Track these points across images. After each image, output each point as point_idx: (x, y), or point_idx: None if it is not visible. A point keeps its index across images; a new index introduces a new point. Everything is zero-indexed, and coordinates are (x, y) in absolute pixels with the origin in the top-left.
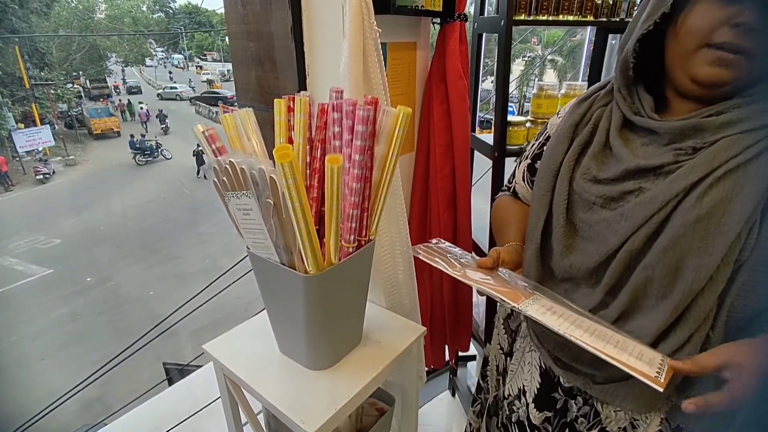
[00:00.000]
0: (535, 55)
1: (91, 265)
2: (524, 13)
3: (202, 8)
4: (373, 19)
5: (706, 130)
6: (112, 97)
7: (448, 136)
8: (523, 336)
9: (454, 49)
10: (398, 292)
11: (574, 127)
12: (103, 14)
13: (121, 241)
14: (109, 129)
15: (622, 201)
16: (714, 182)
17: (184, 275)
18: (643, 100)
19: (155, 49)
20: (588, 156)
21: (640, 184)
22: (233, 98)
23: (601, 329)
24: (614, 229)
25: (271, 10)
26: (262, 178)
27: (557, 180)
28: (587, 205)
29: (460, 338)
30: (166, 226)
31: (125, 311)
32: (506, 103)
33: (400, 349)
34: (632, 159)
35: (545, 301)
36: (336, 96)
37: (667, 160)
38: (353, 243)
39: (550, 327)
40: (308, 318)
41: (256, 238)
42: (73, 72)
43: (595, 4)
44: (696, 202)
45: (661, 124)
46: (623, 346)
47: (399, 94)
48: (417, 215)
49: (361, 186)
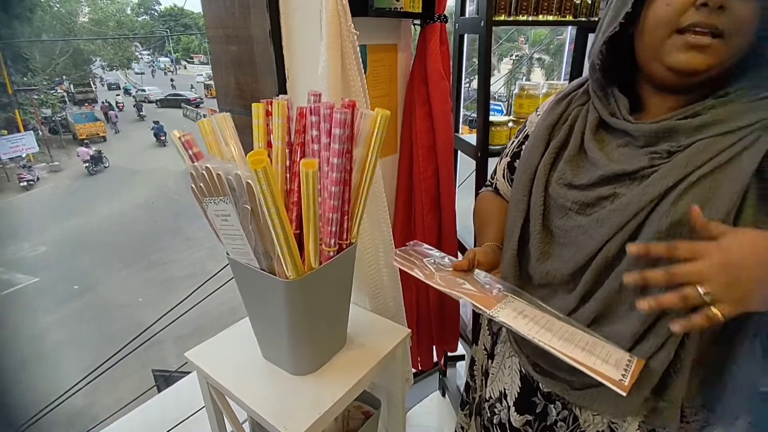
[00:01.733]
0: (522, 54)
1: (78, 273)
2: (504, 13)
3: (187, 11)
4: (351, 21)
5: (680, 133)
6: (97, 101)
7: (431, 137)
8: (503, 341)
9: (434, 50)
10: (383, 294)
11: (551, 127)
12: (86, 18)
13: (109, 247)
14: (95, 134)
15: (597, 207)
16: (688, 187)
17: (172, 280)
18: (619, 101)
19: (141, 53)
20: (563, 160)
21: (615, 190)
22: (196, 100)
23: (573, 331)
24: (590, 235)
25: (250, 14)
26: (239, 184)
27: (533, 185)
28: (563, 211)
29: (447, 339)
30: (154, 232)
31: (113, 319)
32: (488, 104)
33: (384, 352)
34: (607, 164)
35: (518, 304)
36: (314, 99)
37: (642, 164)
38: (334, 247)
39: (518, 332)
40: (290, 323)
41: (235, 244)
42: (57, 77)
43: (573, 4)
44: (670, 207)
45: (636, 127)
46: (592, 349)
47: (381, 96)
48: (401, 217)
49: (340, 189)
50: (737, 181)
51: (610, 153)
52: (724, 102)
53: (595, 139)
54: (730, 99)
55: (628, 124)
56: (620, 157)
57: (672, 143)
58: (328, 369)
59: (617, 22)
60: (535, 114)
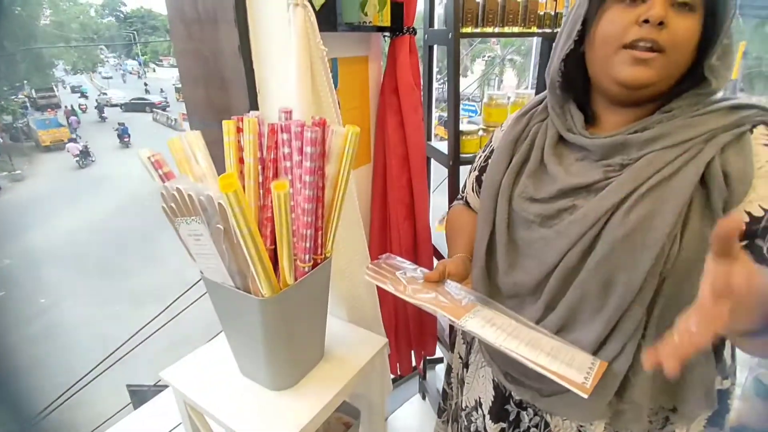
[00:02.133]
0: (494, 55)
1: (46, 286)
2: (471, 25)
3: (155, 12)
4: (319, 38)
5: (631, 146)
6: (60, 106)
7: (404, 147)
8: (476, 351)
9: (404, 61)
10: (360, 305)
11: (513, 143)
12: (48, 20)
13: (77, 258)
14: (59, 140)
15: (557, 219)
16: (638, 198)
17: (143, 292)
18: (575, 116)
19: (107, 56)
20: (525, 175)
21: (573, 202)
22: (161, 104)
23: (539, 338)
24: (552, 246)
25: (218, 29)
26: (211, 205)
27: (498, 199)
28: (527, 224)
29: (425, 343)
30: (124, 241)
31: (82, 333)
32: (458, 114)
33: (362, 363)
34: (566, 178)
35: (487, 313)
36: (285, 116)
37: (598, 177)
38: (309, 262)
39: (485, 340)
40: (267, 340)
41: (209, 264)
42: (18, 82)
43: (538, 16)
44: (623, 218)
45: (592, 142)
46: (556, 354)
47: (353, 108)
48: (377, 225)
49: (313, 206)
50: (682, 193)
51: (568, 167)
52: (669, 117)
53: (554, 154)
54: (675, 114)
55: (584, 139)
56: (578, 170)
57: (624, 156)
58: (306, 383)
59: (571, 40)
60: (499, 129)
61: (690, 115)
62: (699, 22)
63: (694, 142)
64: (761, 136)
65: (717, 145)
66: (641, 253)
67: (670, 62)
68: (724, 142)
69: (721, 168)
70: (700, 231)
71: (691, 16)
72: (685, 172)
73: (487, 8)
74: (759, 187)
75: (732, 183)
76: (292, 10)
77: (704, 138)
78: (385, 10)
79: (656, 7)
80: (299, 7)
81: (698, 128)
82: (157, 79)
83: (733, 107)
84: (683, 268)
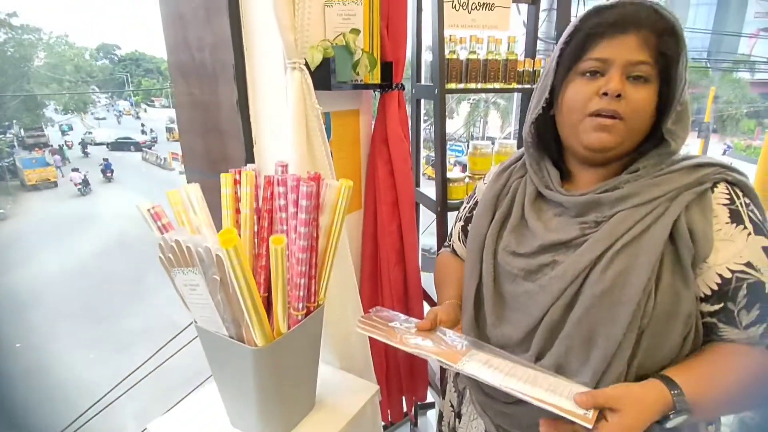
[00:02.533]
0: (479, 98)
1: (23, 329)
2: (455, 81)
3: (149, 55)
4: (315, 98)
5: (604, 205)
6: (49, 145)
7: (393, 194)
8: (468, 401)
9: (394, 115)
10: (351, 353)
11: (495, 198)
12: (42, 62)
13: (57, 300)
14: (45, 179)
15: (540, 274)
16: (614, 255)
17: (128, 333)
18: (551, 173)
19: (98, 96)
20: (507, 230)
21: (554, 257)
22: (145, 143)
23: (536, 375)
24: (536, 301)
25: (218, 84)
26: (208, 256)
27: (483, 253)
28: (511, 277)
29: (416, 388)
30: (108, 282)
31: (58, 381)
32: (445, 162)
33: (354, 411)
34: (545, 234)
35: (483, 356)
36: (281, 170)
37: (575, 233)
38: (302, 311)
39: (485, 381)
40: (259, 389)
41: (203, 313)
42: (6, 122)
43: (517, 73)
44: (600, 275)
45: (567, 199)
46: (555, 389)
47: (345, 157)
48: (368, 270)
49: (307, 256)
50: (653, 250)
51: (547, 222)
52: (636, 177)
53: (534, 210)
54: (641, 174)
55: (560, 196)
56: (557, 226)
57: (598, 214)
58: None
59: (540, 107)
60: (482, 182)
61: (655, 174)
62: (654, 92)
63: (661, 200)
64: (720, 195)
65: (681, 204)
66: (618, 309)
67: (630, 128)
68: (687, 200)
69: (687, 225)
70: (672, 285)
71: (647, 87)
72: (655, 230)
73: (470, 66)
74: (722, 250)
75: (697, 241)
76: (289, 72)
77: (670, 196)
78: (376, 70)
79: (613, 81)
80: (296, 70)
81: (663, 187)
82: (149, 119)
83: (695, 165)
84: (658, 321)
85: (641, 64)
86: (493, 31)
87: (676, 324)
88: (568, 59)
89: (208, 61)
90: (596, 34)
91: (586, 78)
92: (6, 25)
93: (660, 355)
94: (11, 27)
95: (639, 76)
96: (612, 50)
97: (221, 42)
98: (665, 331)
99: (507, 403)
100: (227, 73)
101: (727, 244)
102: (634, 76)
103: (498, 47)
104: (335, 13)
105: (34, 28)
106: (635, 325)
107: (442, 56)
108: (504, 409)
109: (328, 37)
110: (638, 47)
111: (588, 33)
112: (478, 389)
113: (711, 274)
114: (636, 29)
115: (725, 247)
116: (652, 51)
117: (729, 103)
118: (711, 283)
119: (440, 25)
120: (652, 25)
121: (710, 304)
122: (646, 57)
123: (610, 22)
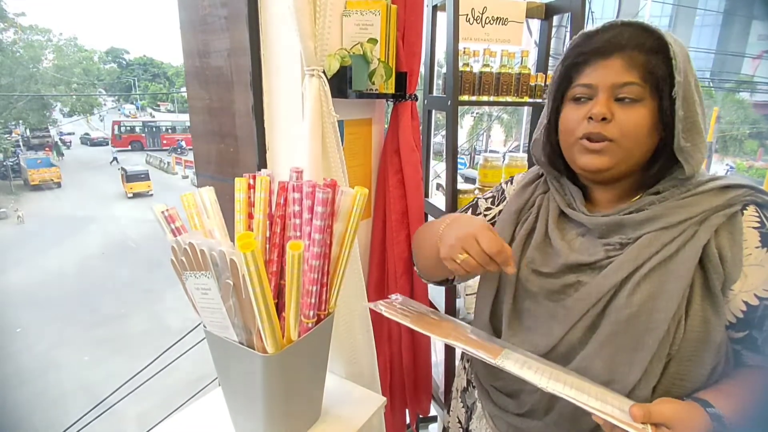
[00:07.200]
0: (483, 112)
1: (21, 330)
2: (468, 93)
3: (157, 60)
4: (331, 105)
5: (627, 227)
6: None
7: (403, 203)
8: (479, 417)
9: (406, 125)
10: (358, 362)
11: (518, 213)
12: (50, 64)
13: (57, 301)
14: (49, 180)
15: (563, 294)
16: (641, 280)
17: (126, 337)
18: (573, 192)
19: (105, 99)
20: (532, 246)
21: (578, 278)
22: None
23: (579, 381)
24: (558, 321)
25: (234, 90)
26: (222, 260)
27: None
28: (532, 296)
29: (420, 401)
30: (109, 284)
31: (57, 380)
32: (456, 173)
33: (360, 423)
34: (569, 254)
35: (518, 356)
36: (296, 176)
37: (600, 255)
38: (313, 318)
39: (529, 380)
40: (267, 397)
41: (214, 317)
42: (12, 121)
43: (529, 87)
44: (627, 300)
45: (590, 219)
46: (603, 398)
47: (356, 165)
48: (375, 279)
49: (320, 263)
50: (684, 275)
51: (571, 241)
52: (660, 199)
53: (558, 228)
54: (665, 196)
55: (583, 217)
56: (580, 246)
57: (622, 236)
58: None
59: (540, 131)
60: (509, 185)
61: (681, 196)
62: (649, 110)
63: (689, 223)
64: (751, 218)
65: (711, 227)
66: (645, 336)
67: (624, 148)
68: (717, 224)
69: (717, 250)
70: (702, 312)
71: (637, 107)
72: (684, 254)
73: (483, 79)
74: (751, 275)
75: (727, 266)
76: (308, 79)
77: (698, 219)
78: (391, 80)
79: (597, 106)
80: (314, 77)
81: (691, 209)
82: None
83: (724, 187)
84: (687, 349)
85: (627, 86)
86: (506, 45)
87: (706, 352)
88: (561, 87)
89: (225, 66)
90: (581, 63)
91: (576, 104)
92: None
93: (688, 384)
94: (21, 28)
95: (626, 98)
96: (596, 76)
97: (239, 48)
98: (694, 359)
99: (518, 416)
100: (244, 79)
101: (756, 270)
102: (621, 98)
103: (511, 61)
104: (353, 23)
105: (44, 29)
106: (663, 353)
107: (456, 68)
108: (516, 422)
109: (344, 46)
110: (623, 69)
111: (572, 62)
112: (490, 401)
113: (737, 301)
114: (620, 51)
115: (754, 272)
116: (640, 71)
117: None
118: (736, 311)
119: (455, 38)
120: (638, 45)
121: (735, 331)
122: (633, 78)
123: (593, 48)
